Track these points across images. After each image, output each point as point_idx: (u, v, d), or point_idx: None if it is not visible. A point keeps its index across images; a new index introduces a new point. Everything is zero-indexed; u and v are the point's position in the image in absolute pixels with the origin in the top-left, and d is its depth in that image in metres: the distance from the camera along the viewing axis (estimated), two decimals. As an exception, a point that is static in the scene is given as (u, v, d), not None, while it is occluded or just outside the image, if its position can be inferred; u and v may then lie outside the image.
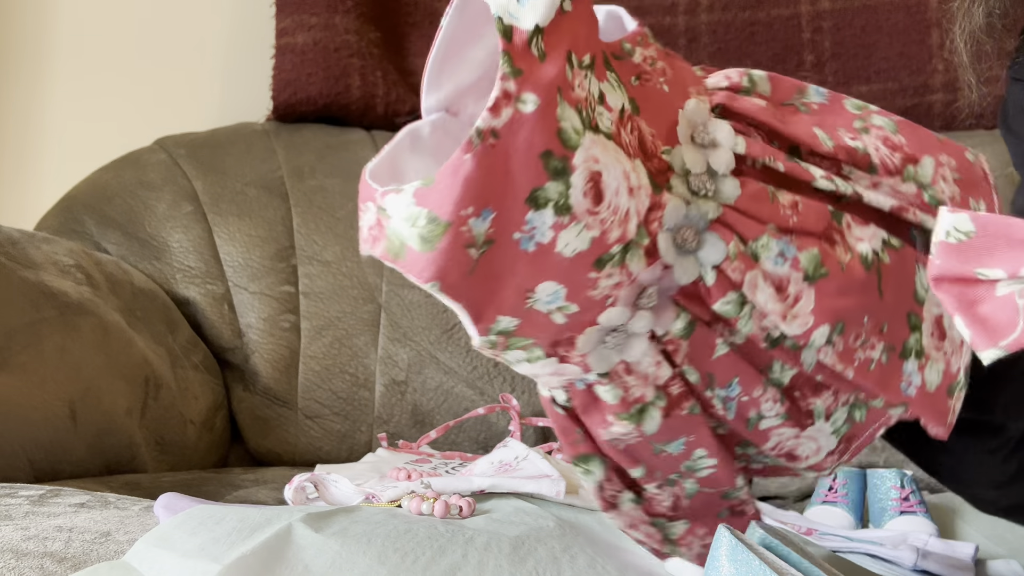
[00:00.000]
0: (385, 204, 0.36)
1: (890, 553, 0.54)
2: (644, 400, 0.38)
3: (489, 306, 0.36)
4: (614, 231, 0.36)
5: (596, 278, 0.36)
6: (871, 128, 0.42)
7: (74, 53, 1.36)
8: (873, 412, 0.42)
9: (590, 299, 0.36)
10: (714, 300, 0.38)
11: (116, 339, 0.81)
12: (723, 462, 0.41)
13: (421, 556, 0.41)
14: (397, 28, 1.27)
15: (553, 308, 0.36)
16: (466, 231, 0.34)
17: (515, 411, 0.90)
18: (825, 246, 0.39)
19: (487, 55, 0.40)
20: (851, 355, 0.39)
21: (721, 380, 0.39)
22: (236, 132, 1.15)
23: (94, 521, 0.48)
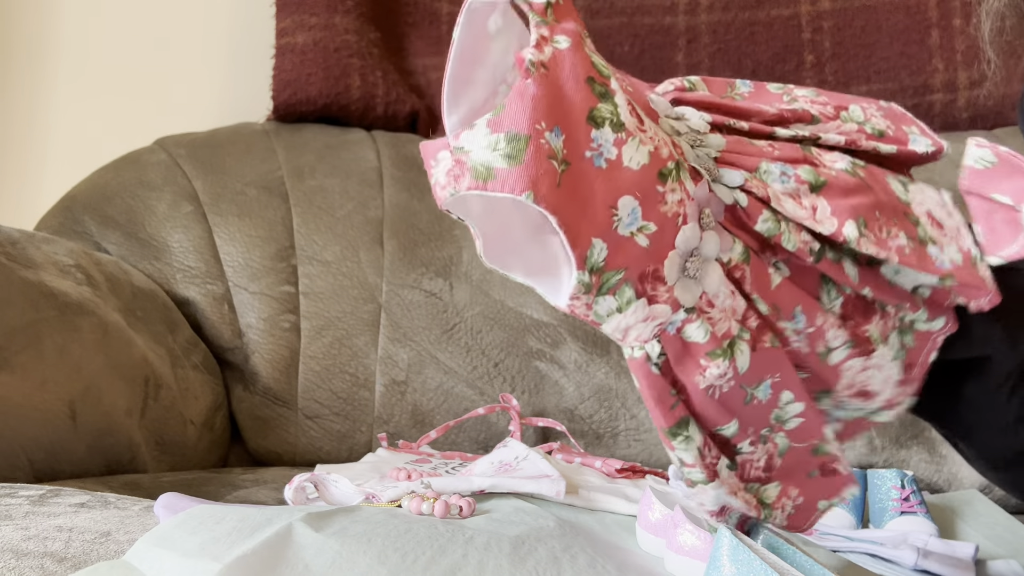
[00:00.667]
0: (461, 143, 0.38)
1: (890, 553, 0.54)
2: (731, 334, 0.41)
3: (582, 222, 0.38)
4: (663, 148, 0.39)
5: (663, 192, 0.39)
6: (798, 97, 0.47)
7: (75, 53, 1.36)
8: (920, 336, 0.45)
9: (663, 216, 0.39)
10: (754, 221, 0.41)
11: (116, 339, 0.81)
12: (809, 407, 0.43)
13: (421, 556, 0.41)
14: (397, 28, 1.27)
15: (635, 229, 0.39)
16: (545, 143, 0.37)
17: (515, 411, 0.90)
18: (812, 166, 0.43)
19: (490, 76, 0.43)
20: (885, 243, 0.42)
21: (786, 311, 0.42)
22: (236, 132, 1.15)
23: (94, 521, 0.48)
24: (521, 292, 1.04)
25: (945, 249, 0.44)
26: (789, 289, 0.42)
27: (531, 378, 1.00)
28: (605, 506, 0.61)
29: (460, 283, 1.04)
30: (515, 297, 1.04)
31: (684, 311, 0.40)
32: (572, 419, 0.99)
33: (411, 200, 1.10)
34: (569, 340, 1.02)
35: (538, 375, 1.00)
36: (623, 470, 0.74)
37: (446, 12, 1.28)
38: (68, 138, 1.35)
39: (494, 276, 1.05)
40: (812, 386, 0.44)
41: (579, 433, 0.99)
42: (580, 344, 1.01)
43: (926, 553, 0.53)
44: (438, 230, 1.08)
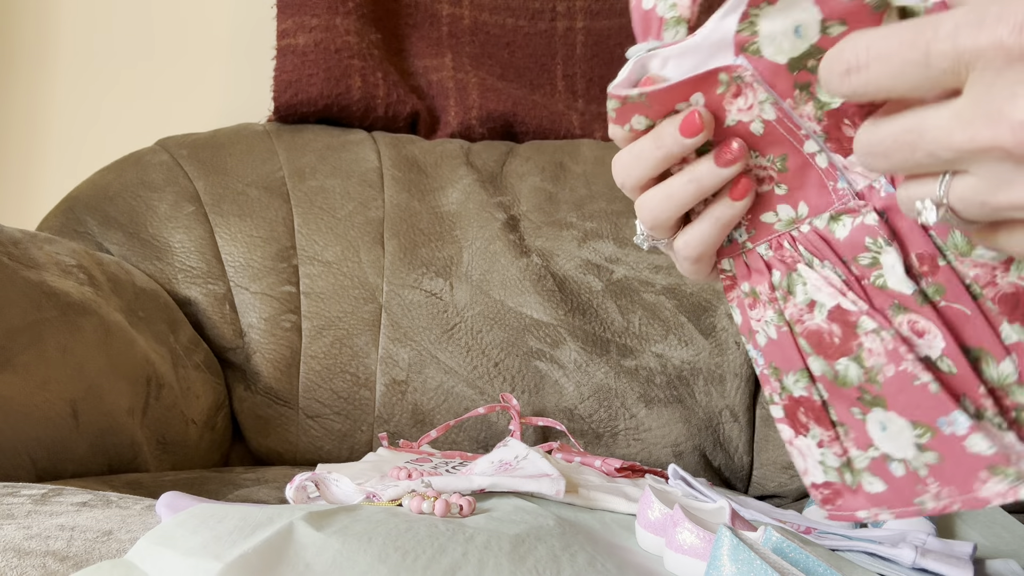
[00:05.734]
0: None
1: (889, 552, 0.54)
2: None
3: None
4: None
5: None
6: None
7: (76, 53, 1.36)
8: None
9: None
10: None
11: (118, 339, 0.81)
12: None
13: (422, 554, 0.41)
14: (398, 30, 1.27)
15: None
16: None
17: (515, 411, 0.90)
18: None
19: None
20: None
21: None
22: (237, 133, 1.15)
23: (96, 520, 0.48)
24: (521, 292, 1.04)
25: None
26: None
27: (531, 378, 1.00)
28: (605, 505, 0.62)
29: (460, 283, 1.05)
30: (515, 297, 1.04)
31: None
32: (572, 418, 0.99)
33: (411, 200, 1.10)
34: (569, 340, 1.02)
35: (538, 375, 1.01)
36: (623, 469, 0.74)
37: (447, 14, 1.28)
38: (69, 138, 1.35)
39: (494, 276, 1.05)
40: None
41: (579, 432, 0.99)
42: (580, 344, 1.02)
43: (924, 551, 0.53)
44: (438, 230, 1.08)
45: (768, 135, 0.39)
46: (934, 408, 0.37)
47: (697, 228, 0.42)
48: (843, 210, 0.39)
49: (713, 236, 0.42)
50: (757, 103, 0.38)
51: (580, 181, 1.14)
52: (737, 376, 1.02)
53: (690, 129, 0.39)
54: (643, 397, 1.00)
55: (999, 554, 0.65)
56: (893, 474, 0.39)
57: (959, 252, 0.36)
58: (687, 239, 0.42)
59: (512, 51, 1.29)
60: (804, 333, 0.40)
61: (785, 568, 0.40)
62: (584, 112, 1.28)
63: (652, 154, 0.40)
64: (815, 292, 0.39)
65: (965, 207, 0.31)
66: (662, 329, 1.03)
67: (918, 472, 0.38)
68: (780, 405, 0.42)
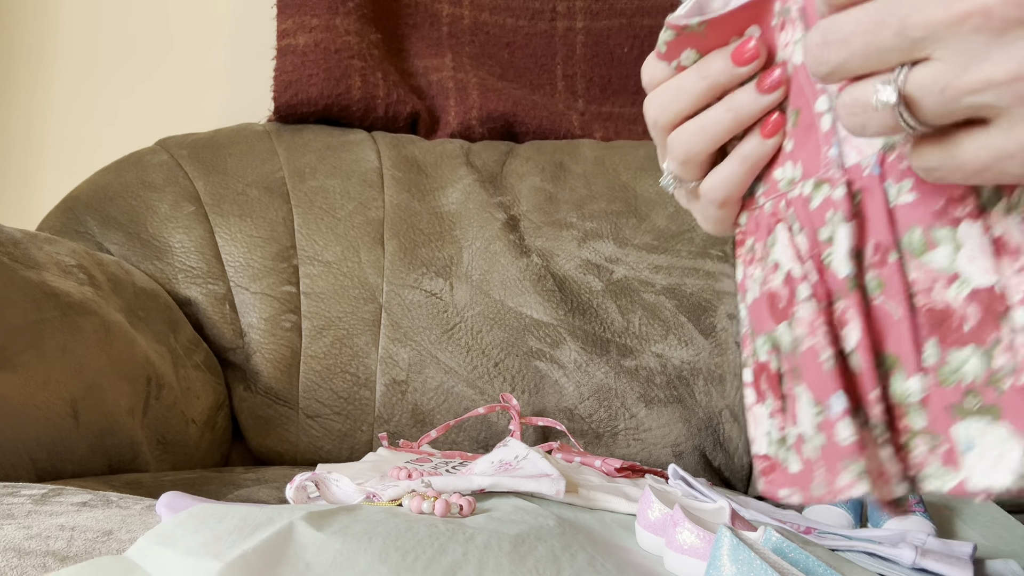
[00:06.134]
0: None
1: (889, 552, 0.54)
2: None
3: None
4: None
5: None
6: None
7: (76, 53, 1.36)
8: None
9: None
10: None
11: (118, 339, 0.81)
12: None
13: (422, 554, 0.41)
14: (398, 30, 1.27)
15: None
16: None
17: (515, 411, 0.90)
18: None
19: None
20: None
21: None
22: (237, 133, 1.15)
23: (96, 520, 0.48)
24: (521, 292, 1.04)
25: None
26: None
27: (531, 378, 1.00)
28: (605, 505, 0.62)
29: (460, 283, 1.05)
30: (515, 297, 1.04)
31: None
32: (572, 418, 0.99)
33: (411, 201, 1.10)
34: (569, 340, 1.02)
35: (538, 375, 1.01)
36: (622, 469, 0.74)
37: (447, 14, 1.28)
38: (69, 139, 1.35)
39: (494, 276, 1.05)
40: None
41: (579, 432, 0.99)
42: (580, 344, 1.02)
43: (924, 552, 0.53)
44: (438, 230, 1.08)
45: (793, 80, 0.39)
46: (827, 387, 0.36)
47: (725, 168, 0.41)
48: (824, 179, 0.38)
49: (740, 177, 0.41)
50: (793, 42, 0.38)
51: (580, 181, 1.14)
52: (737, 376, 1.02)
53: (743, 56, 0.38)
54: (643, 397, 1.00)
55: (999, 554, 0.65)
56: (804, 455, 0.38)
57: (912, 251, 0.35)
58: (714, 181, 0.41)
59: (512, 51, 1.29)
60: (766, 293, 0.40)
61: (785, 568, 0.40)
62: (584, 112, 1.28)
63: (695, 85, 0.39)
64: (780, 253, 0.39)
65: (922, 96, 0.30)
66: (662, 329, 1.03)
67: (813, 455, 0.37)
68: (751, 368, 0.42)
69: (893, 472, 0.35)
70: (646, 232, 1.09)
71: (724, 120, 0.39)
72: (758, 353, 0.41)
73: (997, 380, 0.32)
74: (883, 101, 0.31)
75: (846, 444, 0.35)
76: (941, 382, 0.34)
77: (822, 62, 0.32)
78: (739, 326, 1.03)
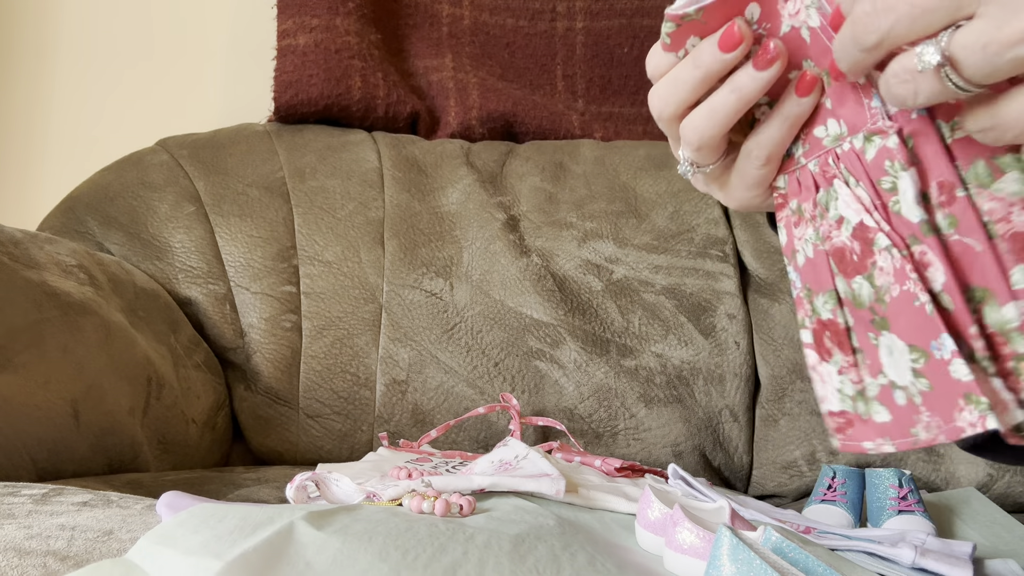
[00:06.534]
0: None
1: (889, 551, 0.54)
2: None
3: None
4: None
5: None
6: None
7: (76, 54, 1.36)
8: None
9: None
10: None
11: (119, 339, 0.81)
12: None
13: (422, 554, 0.41)
14: (398, 30, 1.27)
15: None
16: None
17: (515, 410, 0.90)
18: None
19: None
20: None
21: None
22: (238, 133, 1.15)
23: (96, 520, 0.48)
24: (521, 292, 1.04)
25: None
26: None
27: (531, 377, 1.01)
28: (604, 505, 0.62)
29: (460, 283, 1.05)
30: (515, 297, 1.04)
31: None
32: (572, 418, 0.99)
33: (412, 201, 1.10)
34: (569, 340, 1.02)
35: (538, 375, 1.01)
36: (622, 469, 0.74)
37: (447, 14, 1.29)
38: (69, 138, 1.35)
39: (494, 276, 1.05)
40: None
41: (579, 432, 0.99)
42: (580, 344, 1.02)
43: (924, 551, 0.53)
44: (438, 230, 1.08)
45: (814, 44, 0.39)
46: (929, 331, 0.36)
47: (767, 130, 0.41)
48: (874, 130, 0.38)
49: (783, 136, 0.41)
50: (804, 7, 0.38)
51: (580, 181, 1.14)
52: (737, 376, 1.02)
53: (729, 42, 0.38)
54: (643, 397, 1.00)
55: (999, 554, 0.65)
56: (896, 403, 0.39)
57: (979, 183, 0.35)
58: (757, 141, 0.42)
59: (512, 51, 1.29)
60: (831, 250, 0.40)
61: (785, 568, 0.40)
62: (584, 112, 1.28)
63: (691, 75, 0.40)
64: (844, 208, 0.39)
65: (966, 56, 0.30)
66: (662, 329, 1.03)
67: (914, 399, 0.38)
68: (809, 329, 0.42)
69: (1009, 400, 0.35)
70: (646, 232, 1.09)
71: (730, 101, 0.40)
72: (819, 311, 0.41)
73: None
74: (927, 63, 0.31)
75: (966, 381, 0.35)
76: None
77: (872, 30, 0.32)
78: (736, 324, 1.03)
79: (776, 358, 1.02)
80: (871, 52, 0.33)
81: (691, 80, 0.40)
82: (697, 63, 0.39)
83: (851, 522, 0.75)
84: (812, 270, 0.42)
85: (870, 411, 0.40)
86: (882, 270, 0.38)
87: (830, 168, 0.40)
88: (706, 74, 0.39)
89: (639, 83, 1.29)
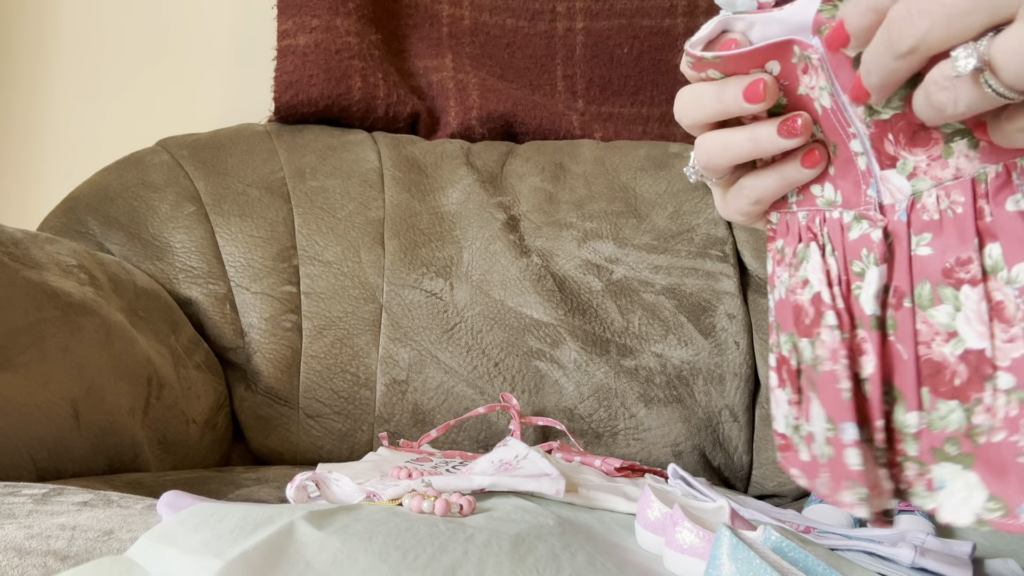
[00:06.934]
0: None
1: (888, 551, 0.54)
2: None
3: None
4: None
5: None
6: None
7: (77, 54, 1.36)
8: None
9: None
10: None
11: (119, 339, 0.81)
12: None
13: (422, 553, 0.41)
14: (398, 30, 1.28)
15: None
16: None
17: (515, 410, 0.90)
18: None
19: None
20: None
21: None
22: (238, 133, 1.15)
23: (97, 519, 0.48)
24: (521, 292, 1.04)
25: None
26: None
27: (531, 377, 1.01)
28: (604, 504, 0.62)
29: (460, 283, 1.05)
30: (515, 297, 1.04)
31: None
32: (572, 418, 1.00)
33: (412, 201, 1.10)
34: (569, 340, 1.02)
35: (538, 374, 1.01)
36: (622, 469, 0.74)
37: (447, 14, 1.29)
38: (69, 138, 1.35)
39: (494, 276, 1.05)
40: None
41: (579, 432, 0.99)
42: (579, 344, 1.02)
43: (924, 551, 0.53)
44: (439, 231, 1.08)
45: (825, 119, 0.40)
46: (841, 413, 0.39)
47: (764, 179, 0.43)
48: (864, 215, 0.40)
49: (777, 190, 0.43)
50: (818, 87, 0.39)
51: (580, 181, 1.14)
52: (736, 376, 1.02)
53: (753, 96, 0.39)
54: (643, 397, 1.00)
55: (998, 554, 0.65)
56: (812, 450, 0.42)
57: (919, 303, 0.38)
58: (753, 184, 0.43)
59: (512, 52, 1.29)
60: (793, 304, 0.43)
61: (784, 567, 0.40)
62: (584, 112, 1.28)
63: (712, 105, 0.41)
64: (811, 273, 0.41)
65: (1006, 61, 0.29)
66: (662, 329, 1.03)
67: (819, 458, 0.41)
68: (775, 355, 0.45)
69: (887, 489, 0.39)
70: (646, 232, 1.09)
71: (745, 148, 0.41)
72: (781, 346, 0.44)
73: (975, 435, 0.36)
74: (963, 67, 0.31)
75: (853, 470, 0.39)
76: (930, 426, 0.37)
77: (907, 34, 0.32)
78: (736, 324, 1.03)
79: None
80: (905, 58, 0.33)
81: (712, 108, 0.41)
82: (721, 98, 0.40)
83: (851, 522, 0.75)
84: (781, 310, 0.44)
85: (799, 446, 0.43)
86: (823, 343, 0.40)
87: (815, 227, 0.42)
88: (727, 111, 0.40)
89: (639, 83, 1.29)
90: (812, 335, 0.41)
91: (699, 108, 0.42)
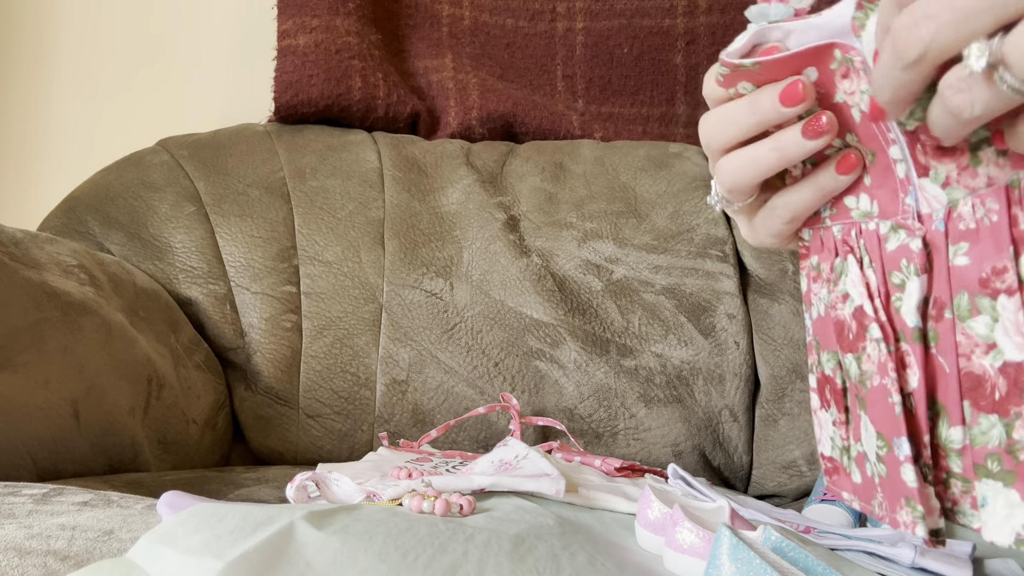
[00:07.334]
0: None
1: (888, 551, 0.54)
2: None
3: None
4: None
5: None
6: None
7: (77, 54, 1.36)
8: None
9: None
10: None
11: (119, 339, 0.81)
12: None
13: (422, 554, 0.41)
14: (398, 30, 1.28)
15: None
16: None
17: (515, 410, 0.90)
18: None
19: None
20: None
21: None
22: (238, 133, 1.15)
23: (97, 519, 0.48)
24: (521, 292, 1.04)
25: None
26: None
27: (531, 377, 1.01)
28: (604, 504, 0.62)
29: (460, 283, 1.05)
30: (515, 297, 1.04)
31: None
32: (572, 418, 1.00)
33: (412, 201, 1.10)
34: (569, 340, 1.02)
35: (538, 375, 1.01)
36: (622, 469, 0.74)
37: (447, 14, 1.29)
38: (69, 138, 1.35)
39: (494, 276, 1.05)
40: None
41: (579, 432, 0.99)
42: (580, 344, 1.02)
43: (924, 551, 0.53)
44: (439, 231, 1.08)
45: (864, 126, 0.39)
46: (895, 427, 0.39)
47: (798, 194, 0.42)
48: (902, 224, 0.39)
49: (812, 203, 0.42)
50: (859, 91, 0.38)
51: (580, 181, 1.14)
52: (736, 376, 1.02)
53: (791, 98, 0.38)
54: (643, 397, 1.01)
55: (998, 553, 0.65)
56: (866, 472, 0.41)
57: (959, 315, 0.37)
58: (787, 200, 0.42)
59: (512, 52, 1.29)
60: (834, 320, 0.42)
61: (784, 567, 0.40)
62: (584, 112, 1.28)
63: (745, 120, 0.40)
64: (851, 286, 0.41)
65: (1020, 57, 0.29)
66: (662, 329, 1.03)
67: (874, 479, 0.40)
68: (815, 376, 0.44)
69: (936, 508, 0.38)
70: (646, 232, 1.09)
71: (771, 158, 0.40)
72: (823, 365, 0.43)
73: (1015, 451, 0.35)
74: (974, 65, 0.30)
75: (911, 486, 0.38)
76: (972, 441, 0.37)
77: (913, 42, 0.31)
78: (735, 324, 1.03)
79: (776, 358, 1.02)
80: (914, 68, 0.32)
81: (745, 124, 0.40)
82: (754, 109, 0.39)
83: (851, 522, 0.75)
84: (821, 327, 0.43)
85: (850, 468, 0.43)
86: (869, 357, 0.40)
87: (851, 239, 0.41)
88: (761, 121, 0.40)
89: (639, 83, 1.29)
90: (857, 350, 0.40)
91: (729, 126, 0.41)
